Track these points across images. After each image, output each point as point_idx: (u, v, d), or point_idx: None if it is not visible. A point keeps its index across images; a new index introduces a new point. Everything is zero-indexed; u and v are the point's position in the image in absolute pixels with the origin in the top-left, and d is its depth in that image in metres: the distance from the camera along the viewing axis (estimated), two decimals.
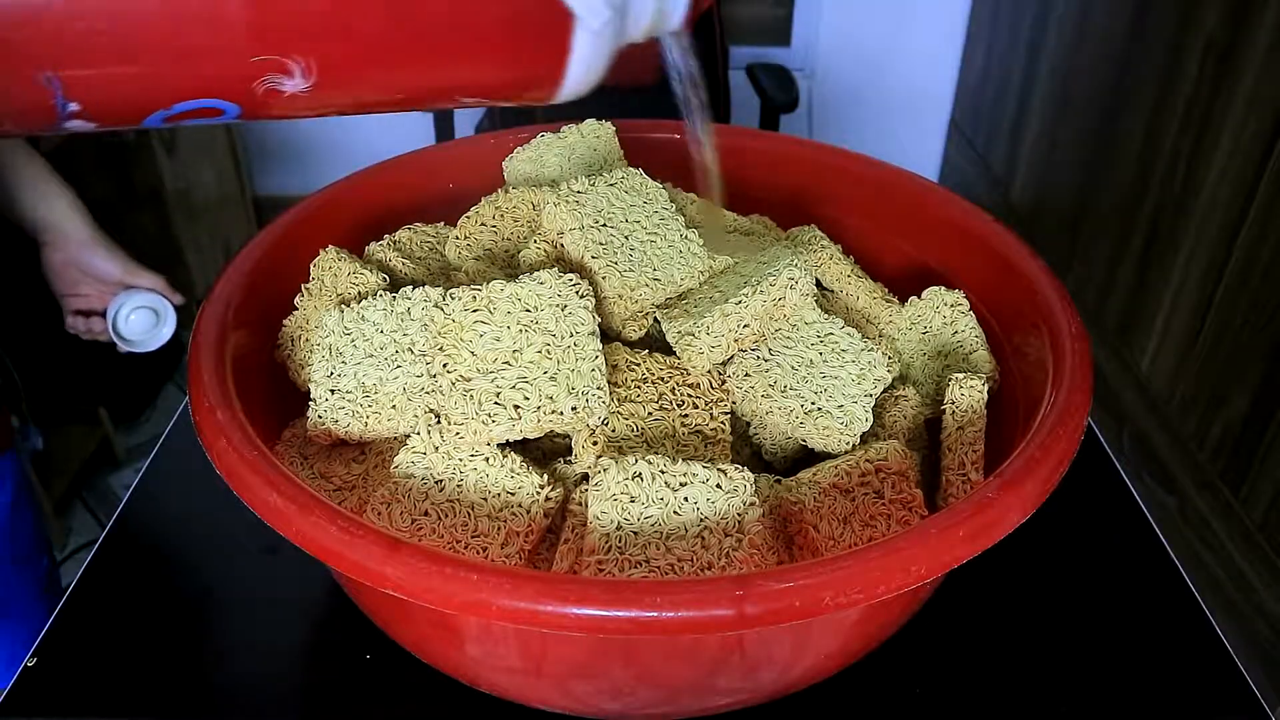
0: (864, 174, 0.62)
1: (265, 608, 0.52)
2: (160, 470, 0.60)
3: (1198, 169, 1.04)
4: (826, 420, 0.47)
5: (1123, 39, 1.23)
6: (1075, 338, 0.47)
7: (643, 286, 0.48)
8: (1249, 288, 0.95)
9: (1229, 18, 1.00)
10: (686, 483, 0.40)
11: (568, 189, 0.49)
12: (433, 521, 0.41)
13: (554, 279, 0.45)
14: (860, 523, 0.42)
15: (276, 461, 0.39)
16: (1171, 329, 1.10)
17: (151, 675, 0.47)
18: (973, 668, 0.49)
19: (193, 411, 0.42)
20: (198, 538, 0.56)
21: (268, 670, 0.48)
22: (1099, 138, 1.29)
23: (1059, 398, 0.43)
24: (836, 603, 0.34)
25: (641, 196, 0.50)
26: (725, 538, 0.40)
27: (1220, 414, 1.00)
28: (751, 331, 0.47)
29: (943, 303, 0.54)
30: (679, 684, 0.42)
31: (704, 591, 0.34)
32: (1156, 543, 0.55)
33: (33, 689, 0.46)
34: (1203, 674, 0.48)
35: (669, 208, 0.50)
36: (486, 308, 0.44)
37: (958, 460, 0.46)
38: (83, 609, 0.51)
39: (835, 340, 0.49)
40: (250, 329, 0.50)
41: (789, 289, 0.47)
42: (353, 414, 0.46)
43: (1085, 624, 0.51)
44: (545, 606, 0.33)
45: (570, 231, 0.48)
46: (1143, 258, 1.16)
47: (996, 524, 0.37)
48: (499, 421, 0.42)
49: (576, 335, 0.44)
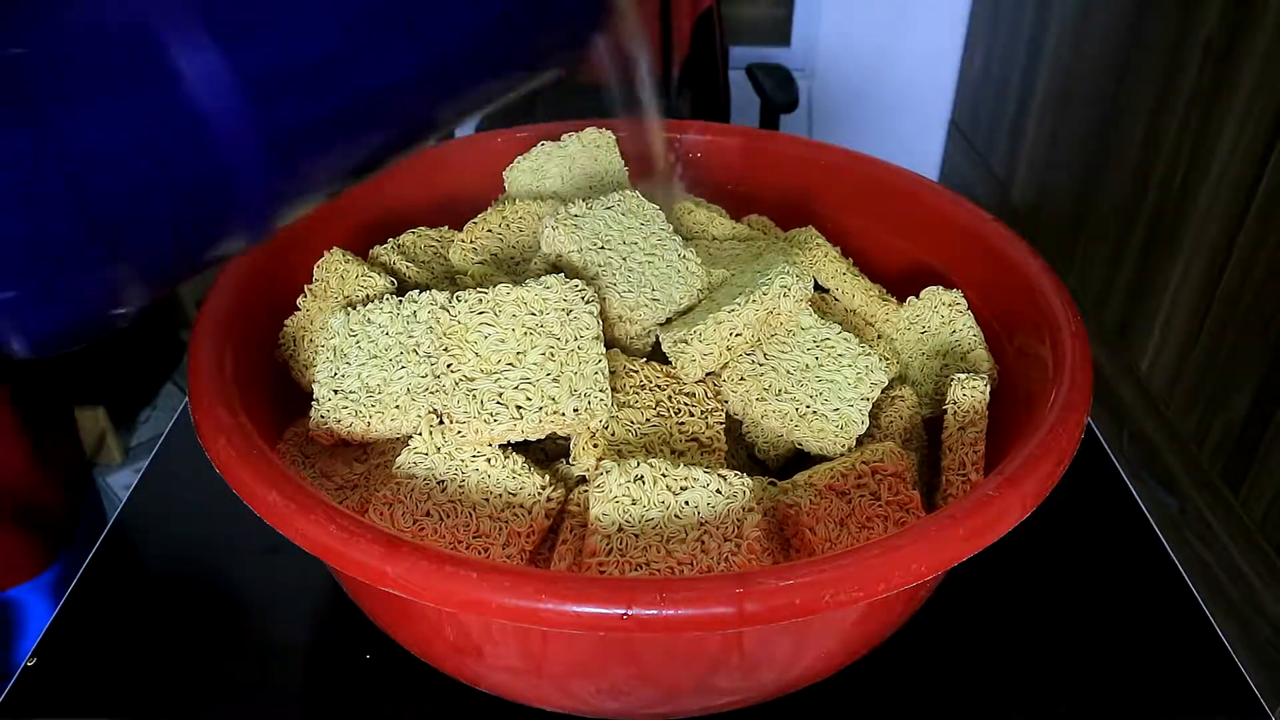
0: (864, 173, 0.62)
1: (265, 608, 0.52)
2: (160, 470, 0.60)
3: (1198, 169, 1.04)
4: (821, 423, 0.47)
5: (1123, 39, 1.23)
6: (1075, 337, 0.47)
7: (642, 307, 0.48)
8: (1249, 288, 0.95)
9: (1229, 18, 1.00)
10: (687, 487, 0.40)
11: (565, 213, 0.49)
12: (434, 522, 0.41)
13: (560, 284, 0.45)
14: (857, 525, 0.42)
15: (276, 460, 0.39)
16: (1171, 329, 1.10)
17: (151, 675, 0.47)
18: (973, 668, 0.49)
19: (192, 411, 0.42)
20: (198, 538, 0.56)
21: (268, 670, 0.48)
22: (1099, 138, 1.29)
23: (1059, 397, 0.43)
24: (837, 601, 0.34)
25: (639, 218, 0.51)
26: (725, 542, 0.40)
27: (1220, 414, 1.00)
28: (745, 339, 0.47)
29: (940, 302, 0.54)
30: (679, 683, 0.42)
31: (704, 589, 0.34)
32: (1156, 543, 0.55)
33: (33, 689, 0.47)
34: (1203, 674, 0.48)
35: (666, 228, 0.51)
36: (492, 310, 0.44)
37: (958, 460, 0.46)
38: (83, 609, 0.51)
39: (831, 345, 0.49)
40: (251, 329, 0.50)
41: (782, 296, 0.47)
42: (355, 414, 0.46)
43: (1085, 624, 0.51)
44: (545, 604, 0.33)
45: (569, 254, 0.49)
46: (1143, 258, 1.16)
47: (996, 522, 0.37)
48: (501, 421, 0.42)
49: (580, 339, 0.44)
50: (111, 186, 0.28)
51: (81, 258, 0.29)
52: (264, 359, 0.51)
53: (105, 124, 0.28)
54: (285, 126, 0.31)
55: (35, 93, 0.27)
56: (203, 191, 0.30)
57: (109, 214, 0.28)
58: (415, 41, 0.33)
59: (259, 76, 0.30)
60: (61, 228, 0.28)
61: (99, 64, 0.28)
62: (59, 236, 0.28)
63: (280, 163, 0.32)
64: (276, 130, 0.31)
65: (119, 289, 0.30)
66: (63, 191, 0.27)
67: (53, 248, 0.28)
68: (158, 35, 0.28)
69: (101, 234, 0.29)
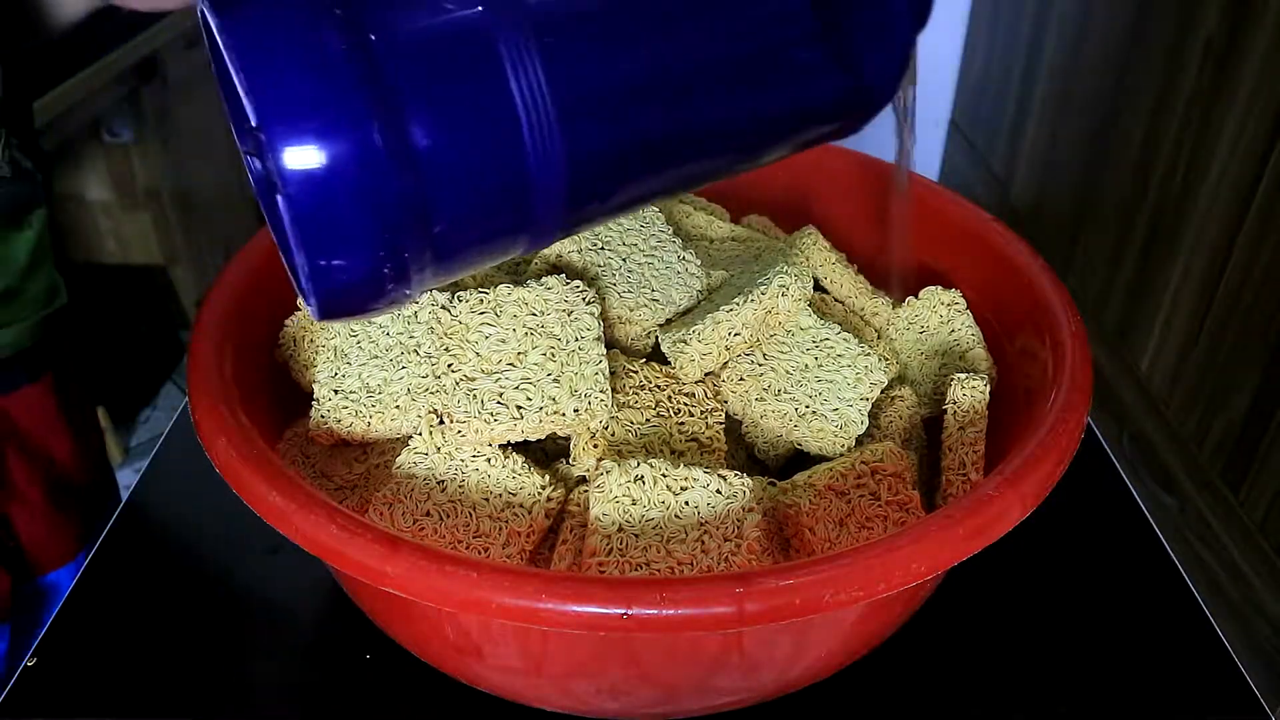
0: (864, 174, 0.62)
1: (265, 608, 0.52)
2: (160, 470, 0.60)
3: (1198, 169, 1.04)
4: (821, 423, 0.47)
5: (1123, 39, 1.23)
6: (1075, 337, 0.47)
7: (642, 308, 0.48)
8: (1249, 288, 0.95)
9: (1229, 18, 1.00)
10: (688, 487, 0.41)
11: None
12: (434, 522, 0.41)
13: (561, 284, 0.45)
14: (856, 525, 0.42)
15: (276, 459, 0.39)
16: (1171, 329, 1.10)
17: (151, 675, 0.47)
18: (973, 668, 0.49)
19: (192, 410, 0.42)
20: (198, 538, 0.56)
21: (268, 670, 0.48)
22: (1099, 138, 1.29)
23: (1059, 397, 0.43)
24: (837, 600, 0.34)
25: (638, 220, 0.51)
26: (725, 542, 0.40)
27: (1220, 414, 1.00)
28: (743, 339, 0.47)
29: (939, 302, 0.54)
30: (679, 683, 0.42)
31: (704, 589, 0.34)
32: (1156, 543, 0.55)
33: (33, 689, 0.47)
34: (1203, 674, 0.48)
35: (665, 230, 0.51)
36: (493, 310, 0.44)
37: (958, 460, 0.46)
38: (83, 609, 0.51)
39: (831, 345, 0.49)
40: (251, 328, 0.50)
41: (780, 296, 0.47)
42: (355, 414, 0.46)
43: (1085, 624, 0.51)
44: (545, 604, 0.33)
45: (569, 255, 0.49)
46: (1143, 258, 1.16)
47: (996, 522, 0.37)
48: (501, 421, 0.42)
49: (581, 340, 0.44)
50: (438, 175, 0.31)
51: (402, 237, 0.31)
52: (264, 359, 0.51)
53: (443, 117, 0.30)
54: (590, 151, 0.33)
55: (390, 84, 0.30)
56: (507, 196, 0.32)
57: (433, 199, 0.31)
58: (714, 107, 0.36)
59: (575, 100, 0.32)
60: (396, 211, 0.30)
61: (445, 64, 0.30)
62: (393, 221, 0.30)
63: (578, 185, 0.34)
64: (582, 154, 0.33)
65: (410, 269, 0.32)
66: (400, 176, 0.30)
67: (388, 227, 0.30)
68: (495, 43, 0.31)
69: (417, 217, 0.31)
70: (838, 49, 0.37)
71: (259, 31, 0.29)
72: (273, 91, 0.28)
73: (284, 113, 0.28)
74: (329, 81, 0.29)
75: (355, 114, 0.29)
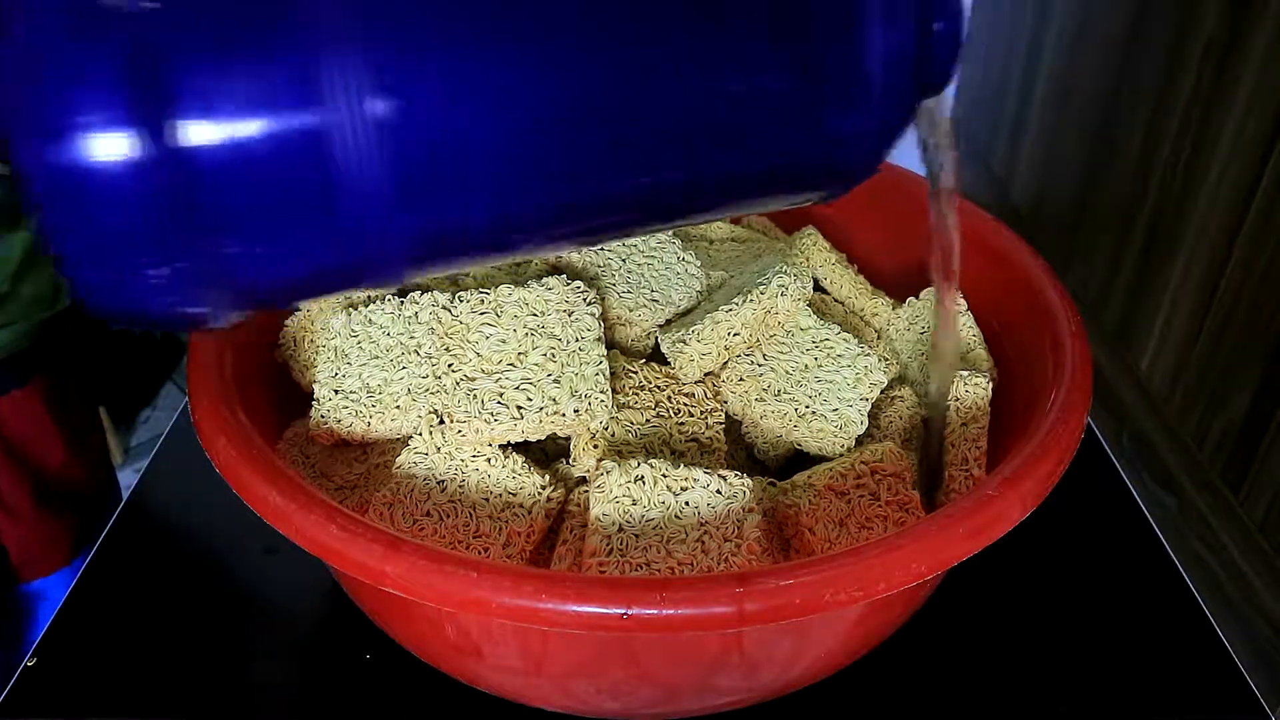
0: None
1: (265, 608, 0.52)
2: (160, 470, 0.60)
3: (1198, 169, 1.04)
4: (820, 423, 0.47)
5: (1123, 40, 1.23)
6: (1075, 337, 0.47)
7: (641, 308, 0.48)
8: (1249, 288, 0.95)
9: (1229, 18, 1.00)
10: (688, 487, 0.40)
11: None
12: (434, 522, 0.41)
13: (561, 285, 0.45)
14: (856, 525, 0.42)
15: (276, 459, 0.39)
16: (1171, 329, 1.10)
17: (151, 675, 0.47)
18: (973, 668, 0.49)
19: (192, 410, 0.42)
20: (198, 538, 0.56)
21: (267, 670, 0.48)
22: (1099, 138, 1.29)
23: (1059, 396, 0.43)
24: (837, 600, 0.34)
25: None
26: (725, 543, 0.40)
27: (1220, 414, 1.00)
28: (743, 339, 0.47)
29: None
30: (679, 683, 0.42)
31: (704, 589, 0.34)
32: (1156, 543, 0.55)
33: (33, 689, 0.47)
34: (1203, 674, 0.48)
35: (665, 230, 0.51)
36: (494, 310, 0.44)
37: (960, 456, 0.46)
38: (83, 609, 0.51)
39: (831, 345, 0.49)
40: (251, 328, 0.50)
41: (779, 296, 0.47)
42: (356, 414, 0.46)
43: (1085, 624, 0.51)
44: (545, 604, 0.33)
45: (569, 255, 0.49)
46: (1142, 258, 1.16)
47: (996, 522, 0.37)
48: (501, 421, 0.42)
49: (582, 340, 0.44)
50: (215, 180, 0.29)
51: (170, 246, 0.30)
52: (264, 359, 0.51)
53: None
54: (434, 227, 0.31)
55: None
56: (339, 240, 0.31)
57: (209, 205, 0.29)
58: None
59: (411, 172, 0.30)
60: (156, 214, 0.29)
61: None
62: (154, 224, 0.29)
63: (420, 246, 0.32)
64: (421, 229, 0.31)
65: (196, 285, 0.32)
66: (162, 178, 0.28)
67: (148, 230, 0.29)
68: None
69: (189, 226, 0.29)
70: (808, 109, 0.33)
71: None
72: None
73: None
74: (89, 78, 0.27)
75: (112, 109, 0.27)
